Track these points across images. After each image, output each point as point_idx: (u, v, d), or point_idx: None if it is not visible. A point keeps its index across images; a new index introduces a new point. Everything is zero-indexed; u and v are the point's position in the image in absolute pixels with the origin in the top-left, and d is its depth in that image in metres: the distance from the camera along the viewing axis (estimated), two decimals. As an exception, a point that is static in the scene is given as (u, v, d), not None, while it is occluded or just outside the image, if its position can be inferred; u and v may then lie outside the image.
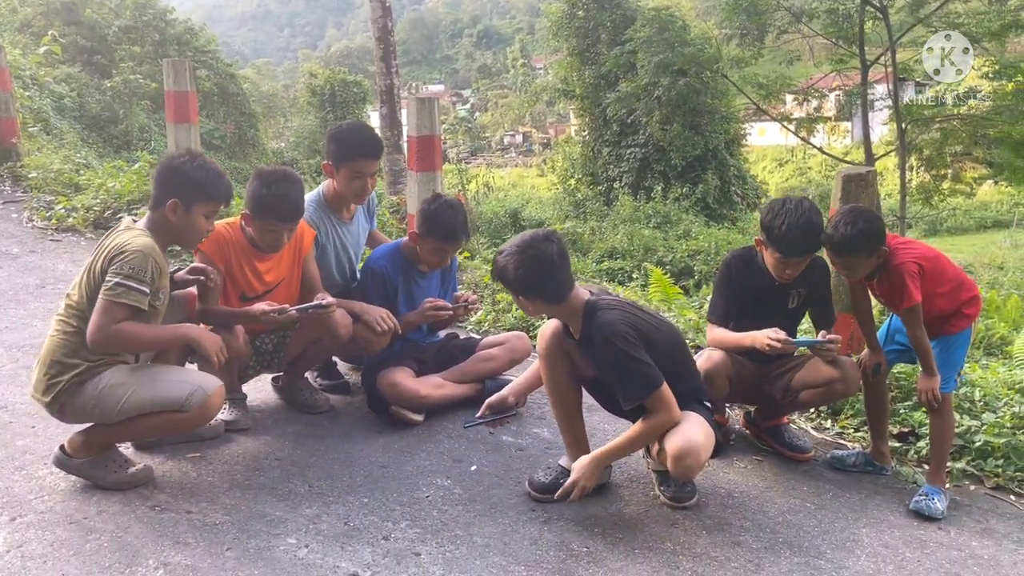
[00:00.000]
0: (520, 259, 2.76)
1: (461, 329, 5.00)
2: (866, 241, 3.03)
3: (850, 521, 3.04)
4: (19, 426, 3.41)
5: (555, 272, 2.78)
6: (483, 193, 20.86)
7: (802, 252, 3.18)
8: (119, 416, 2.83)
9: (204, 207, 2.98)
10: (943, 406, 3.20)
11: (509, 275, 2.80)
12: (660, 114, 20.10)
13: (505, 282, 2.89)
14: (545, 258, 2.76)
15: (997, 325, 8.91)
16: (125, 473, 2.94)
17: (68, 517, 2.73)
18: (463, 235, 3.69)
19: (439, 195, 3.77)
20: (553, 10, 23.31)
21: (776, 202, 3.22)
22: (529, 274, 2.77)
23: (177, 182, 2.93)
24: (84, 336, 2.77)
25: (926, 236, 27.58)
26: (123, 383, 2.83)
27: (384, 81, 11.73)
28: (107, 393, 2.81)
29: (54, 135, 11.06)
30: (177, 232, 2.98)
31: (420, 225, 3.65)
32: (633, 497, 3.10)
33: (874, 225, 3.04)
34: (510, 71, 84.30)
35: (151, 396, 2.82)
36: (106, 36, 17.88)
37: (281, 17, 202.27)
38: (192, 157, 3.01)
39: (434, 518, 2.87)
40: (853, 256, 3.08)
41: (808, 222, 3.10)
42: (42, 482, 2.96)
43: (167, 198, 2.91)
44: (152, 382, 2.86)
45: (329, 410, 3.75)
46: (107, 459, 2.94)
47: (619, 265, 13.99)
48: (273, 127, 34.35)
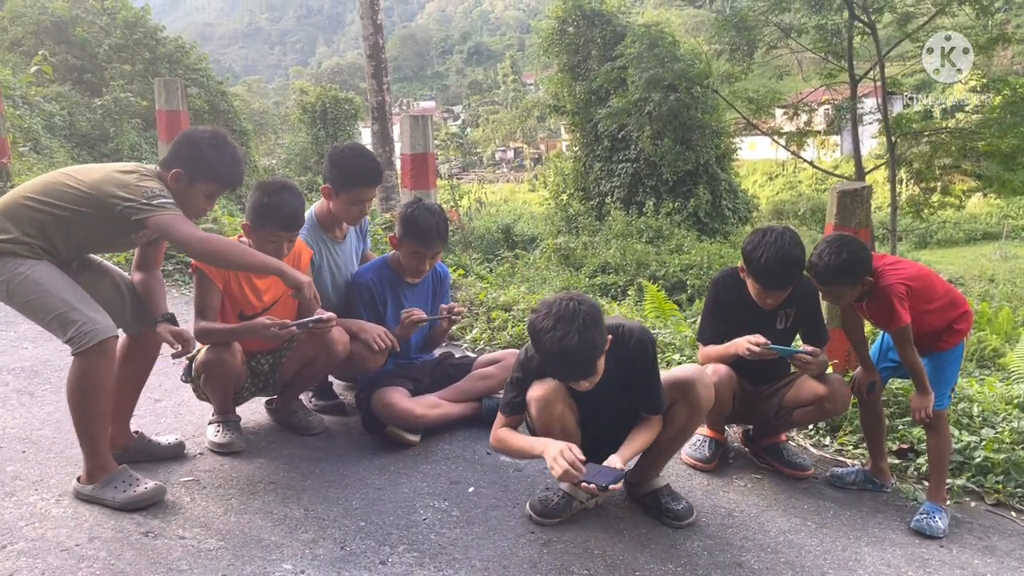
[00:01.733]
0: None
1: (456, 347, 4.97)
2: (850, 271, 3.03)
3: (852, 540, 3.02)
4: (9, 451, 3.36)
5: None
6: (475, 209, 20.89)
7: (780, 285, 3.19)
8: (19, 307, 2.79)
9: (206, 186, 2.98)
10: (939, 423, 3.19)
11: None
12: (651, 129, 20.19)
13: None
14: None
15: (989, 337, 8.94)
16: (134, 492, 2.88)
17: (59, 544, 2.68)
18: (439, 238, 3.65)
19: (419, 199, 3.77)
20: (543, 27, 23.44)
21: (757, 232, 3.21)
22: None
23: (187, 154, 2.93)
24: (42, 215, 2.77)
25: (916, 249, 27.76)
26: (42, 284, 2.75)
27: (376, 98, 11.74)
28: (21, 281, 2.75)
29: (44, 154, 11.01)
30: (173, 199, 2.94)
31: (399, 229, 3.65)
32: (632, 519, 3.06)
33: (858, 255, 3.03)
34: (501, 87, 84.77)
35: (54, 311, 2.74)
36: (97, 54, 17.87)
37: (272, 35, 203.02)
38: (214, 136, 3.00)
39: (432, 541, 2.83)
40: (837, 286, 3.09)
41: (787, 255, 3.09)
42: (32, 508, 2.91)
43: (175, 166, 2.92)
44: (65, 297, 2.76)
45: (324, 432, 3.70)
46: (114, 479, 2.89)
47: (612, 280, 14.02)
48: (264, 144, 34.40)
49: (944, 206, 17.74)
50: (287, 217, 3.29)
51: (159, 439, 3.36)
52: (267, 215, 3.27)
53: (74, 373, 2.78)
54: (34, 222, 2.79)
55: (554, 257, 15.61)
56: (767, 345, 3.14)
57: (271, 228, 3.29)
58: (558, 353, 2.64)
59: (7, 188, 8.23)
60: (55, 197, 2.82)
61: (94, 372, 2.76)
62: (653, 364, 2.94)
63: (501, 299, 5.53)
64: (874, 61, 15.21)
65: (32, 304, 2.78)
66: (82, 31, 17.93)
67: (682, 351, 4.73)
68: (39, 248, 2.81)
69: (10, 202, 2.84)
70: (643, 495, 3.10)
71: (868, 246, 3.11)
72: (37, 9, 17.75)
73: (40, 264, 2.80)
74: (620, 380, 2.89)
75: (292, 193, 3.33)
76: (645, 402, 2.96)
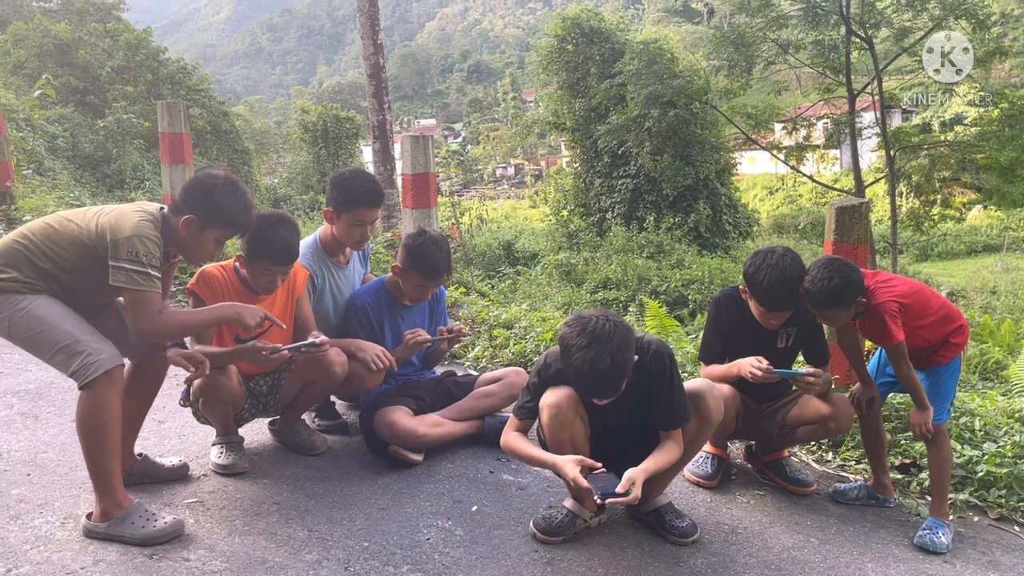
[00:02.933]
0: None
1: (459, 366, 4.99)
2: (842, 295, 3.04)
3: (855, 556, 3.02)
4: (14, 474, 3.37)
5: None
6: (476, 226, 20.94)
7: (783, 307, 3.21)
8: (22, 343, 2.80)
9: (218, 231, 2.99)
10: (939, 437, 3.20)
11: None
12: (651, 145, 20.28)
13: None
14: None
15: (992, 350, 8.93)
16: (153, 527, 2.85)
17: (64, 567, 2.69)
18: (445, 271, 3.71)
19: (424, 231, 3.78)
20: (543, 44, 23.58)
21: (759, 255, 3.24)
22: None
23: (201, 201, 2.93)
24: (36, 254, 2.80)
25: (918, 262, 27.77)
26: (44, 318, 2.75)
27: (376, 117, 11.80)
28: (22, 316, 2.75)
29: (47, 176, 11.08)
30: (182, 244, 2.98)
31: (403, 260, 3.68)
32: (636, 537, 3.07)
33: (849, 278, 3.04)
34: (501, 104, 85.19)
35: (57, 344, 2.75)
36: (99, 76, 18.02)
37: (273, 55, 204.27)
38: (227, 182, 2.99)
39: (436, 561, 2.84)
40: (831, 310, 3.11)
41: (790, 278, 3.12)
42: (38, 531, 2.92)
43: (186, 211, 2.93)
44: (68, 330, 2.77)
45: (327, 451, 3.71)
46: (129, 515, 2.86)
47: (613, 295, 14.02)
48: (266, 163, 34.52)
49: (944, 219, 17.78)
50: (280, 252, 3.29)
51: (163, 461, 3.37)
52: (261, 249, 3.27)
53: (83, 407, 2.77)
54: (33, 266, 2.81)
55: (555, 273, 15.63)
56: (769, 369, 3.16)
57: (265, 262, 3.30)
58: (588, 373, 2.65)
59: (11, 211, 8.28)
60: (52, 241, 2.84)
61: (103, 404, 2.75)
62: (671, 377, 2.94)
63: (503, 317, 5.55)
64: (872, 76, 15.30)
65: (35, 339, 2.77)
66: (84, 53, 18.09)
67: (684, 367, 4.74)
68: (39, 285, 2.82)
69: (9, 244, 2.85)
70: (646, 513, 3.11)
71: (858, 267, 3.13)
72: (40, 32, 17.93)
73: (40, 298, 2.80)
74: (636, 394, 2.90)
75: (287, 228, 3.31)
76: (663, 416, 2.95)
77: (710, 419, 3.01)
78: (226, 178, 3.01)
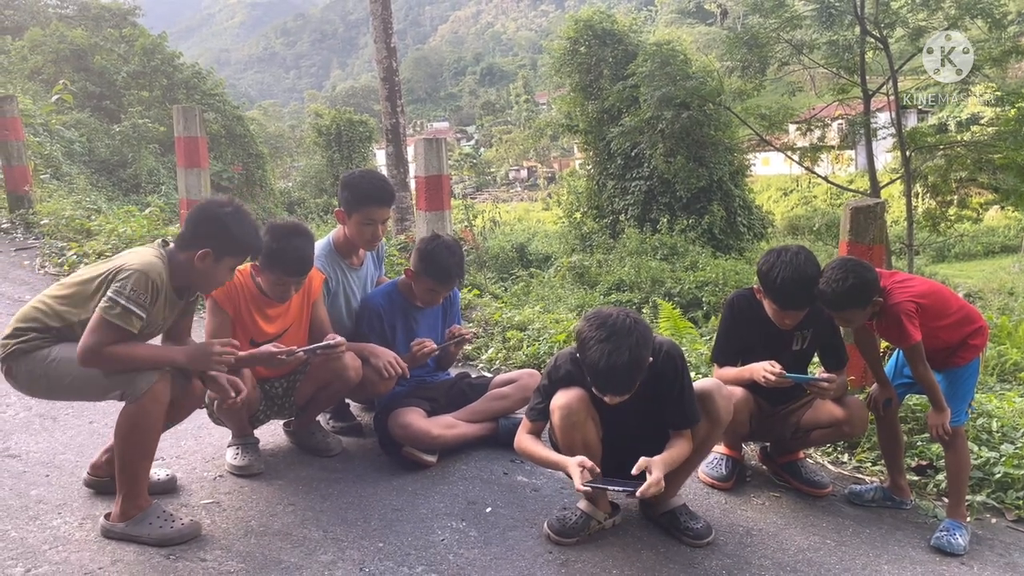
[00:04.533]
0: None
1: (472, 368, 4.99)
2: (858, 295, 3.02)
3: (871, 558, 3.00)
4: (33, 475, 3.40)
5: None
6: (489, 228, 20.97)
7: (798, 305, 3.20)
8: (67, 392, 2.82)
9: (233, 260, 2.97)
10: (956, 439, 3.17)
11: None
12: (664, 147, 20.25)
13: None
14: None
15: (1009, 351, 8.85)
16: (170, 528, 2.87)
17: (83, 568, 2.71)
18: (457, 277, 3.73)
19: (437, 235, 3.79)
20: (555, 47, 23.61)
21: (772, 253, 3.22)
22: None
23: (215, 233, 2.89)
24: (50, 314, 2.80)
25: (934, 263, 27.55)
26: (72, 359, 2.75)
27: (390, 120, 11.85)
28: (55, 367, 2.77)
29: (64, 180, 11.19)
30: (197, 277, 2.96)
31: (416, 264, 3.69)
32: (650, 539, 3.06)
33: (864, 279, 3.02)
34: (513, 107, 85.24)
35: (99, 381, 2.77)
36: (115, 82, 18.20)
37: (287, 59, 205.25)
38: (235, 209, 2.95)
39: (450, 562, 2.84)
40: (848, 311, 3.09)
41: (804, 275, 3.10)
42: (56, 532, 2.94)
43: (200, 245, 2.88)
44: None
45: (341, 453, 3.73)
46: (147, 516, 2.88)
47: (627, 297, 14.01)
48: (280, 167, 34.69)
49: (961, 219, 17.65)
50: (293, 263, 3.30)
51: (152, 472, 3.19)
52: (275, 260, 3.27)
53: (127, 414, 2.79)
54: (50, 325, 2.82)
55: (568, 275, 15.64)
56: (782, 374, 3.14)
57: (279, 273, 3.31)
58: (605, 366, 2.64)
59: (29, 215, 8.36)
60: (73, 304, 2.84)
61: (147, 415, 2.79)
62: (682, 377, 2.94)
63: (516, 319, 5.55)
64: (887, 76, 15.22)
65: (76, 382, 2.79)
66: (101, 59, 18.27)
67: (698, 369, 4.72)
68: (64, 332, 2.83)
69: (28, 309, 2.87)
70: (660, 514, 3.10)
71: (873, 267, 3.10)
72: (56, 38, 18.12)
73: (64, 344, 2.81)
74: (648, 394, 2.89)
75: (302, 238, 3.32)
76: (673, 416, 2.95)
77: (719, 419, 3.00)
78: (232, 204, 2.99)
